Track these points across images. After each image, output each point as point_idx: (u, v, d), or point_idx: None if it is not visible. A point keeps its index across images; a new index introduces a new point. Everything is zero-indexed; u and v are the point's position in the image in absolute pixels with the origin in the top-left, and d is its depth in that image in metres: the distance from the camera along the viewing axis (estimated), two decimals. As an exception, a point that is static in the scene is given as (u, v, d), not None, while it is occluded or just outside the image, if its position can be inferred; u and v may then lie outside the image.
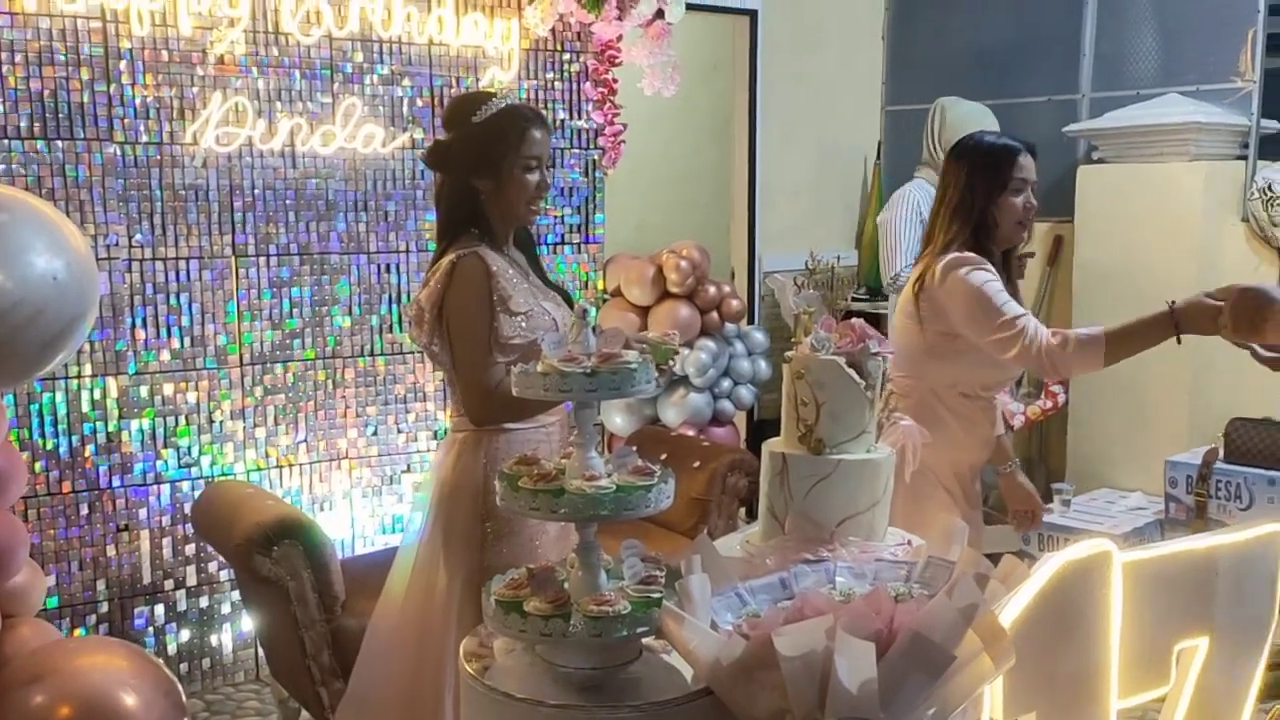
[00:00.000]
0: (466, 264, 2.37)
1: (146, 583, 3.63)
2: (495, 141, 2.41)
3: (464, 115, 2.45)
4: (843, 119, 5.71)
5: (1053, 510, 4.51)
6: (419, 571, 2.49)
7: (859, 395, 1.99)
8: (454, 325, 2.38)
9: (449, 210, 2.49)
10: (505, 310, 2.35)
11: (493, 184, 2.43)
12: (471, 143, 2.42)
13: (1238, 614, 2.11)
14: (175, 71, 3.54)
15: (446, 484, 2.44)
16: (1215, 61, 4.69)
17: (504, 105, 2.44)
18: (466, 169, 2.43)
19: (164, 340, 3.61)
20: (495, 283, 2.36)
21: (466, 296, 2.35)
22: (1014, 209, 2.69)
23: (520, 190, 2.44)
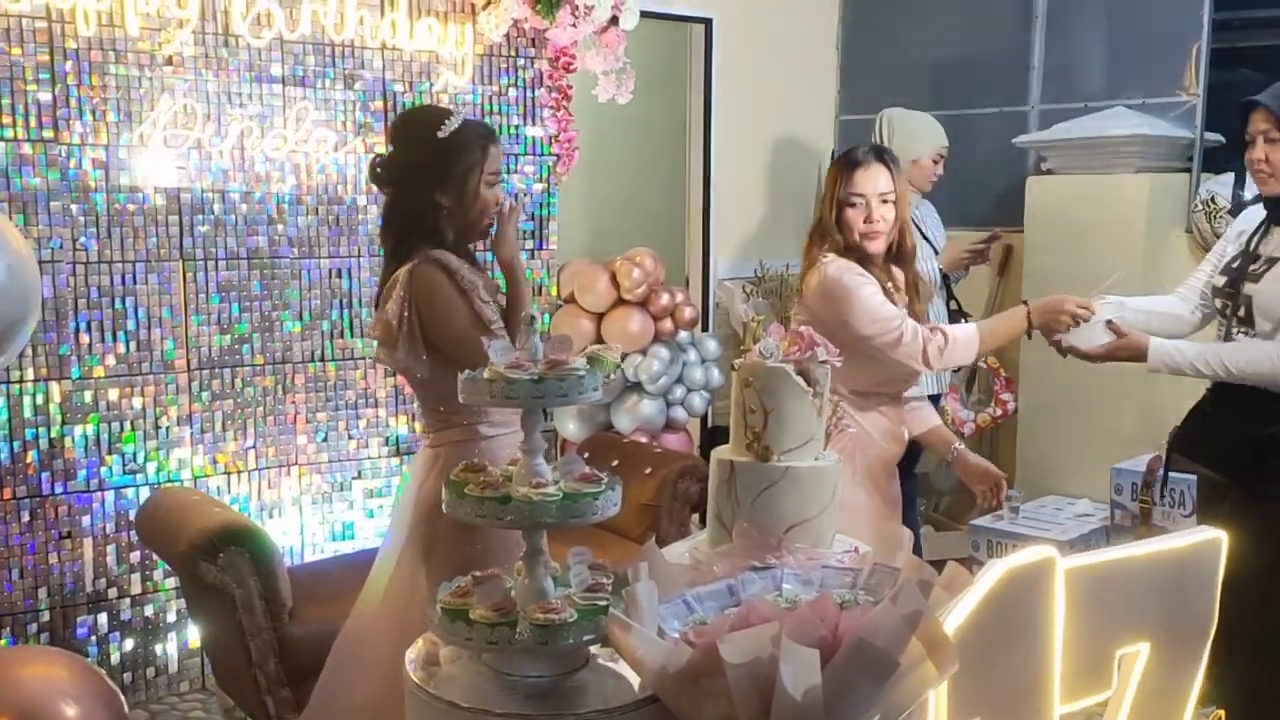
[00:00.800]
0: (424, 270, 2.38)
1: (89, 591, 3.57)
2: (460, 157, 2.42)
3: (424, 130, 2.45)
4: (797, 128, 5.74)
5: (1002, 517, 4.57)
6: (397, 587, 2.46)
7: (806, 403, 2.00)
8: (439, 329, 2.37)
9: (407, 225, 2.48)
10: (477, 298, 2.38)
11: (455, 199, 2.44)
12: (436, 158, 2.42)
13: (1178, 620, 2.14)
14: (122, 73, 3.49)
15: (431, 499, 2.40)
16: (1161, 76, 4.78)
17: (462, 119, 2.47)
18: (430, 184, 2.43)
19: (109, 345, 3.56)
20: (459, 276, 2.38)
21: (438, 298, 2.36)
22: (850, 223, 2.79)
23: (483, 205, 2.47)
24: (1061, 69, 5.11)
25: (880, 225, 2.78)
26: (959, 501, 5.34)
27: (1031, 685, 1.93)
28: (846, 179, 2.79)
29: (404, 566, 2.45)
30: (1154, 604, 2.09)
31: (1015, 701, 1.91)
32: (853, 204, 2.78)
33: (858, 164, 2.79)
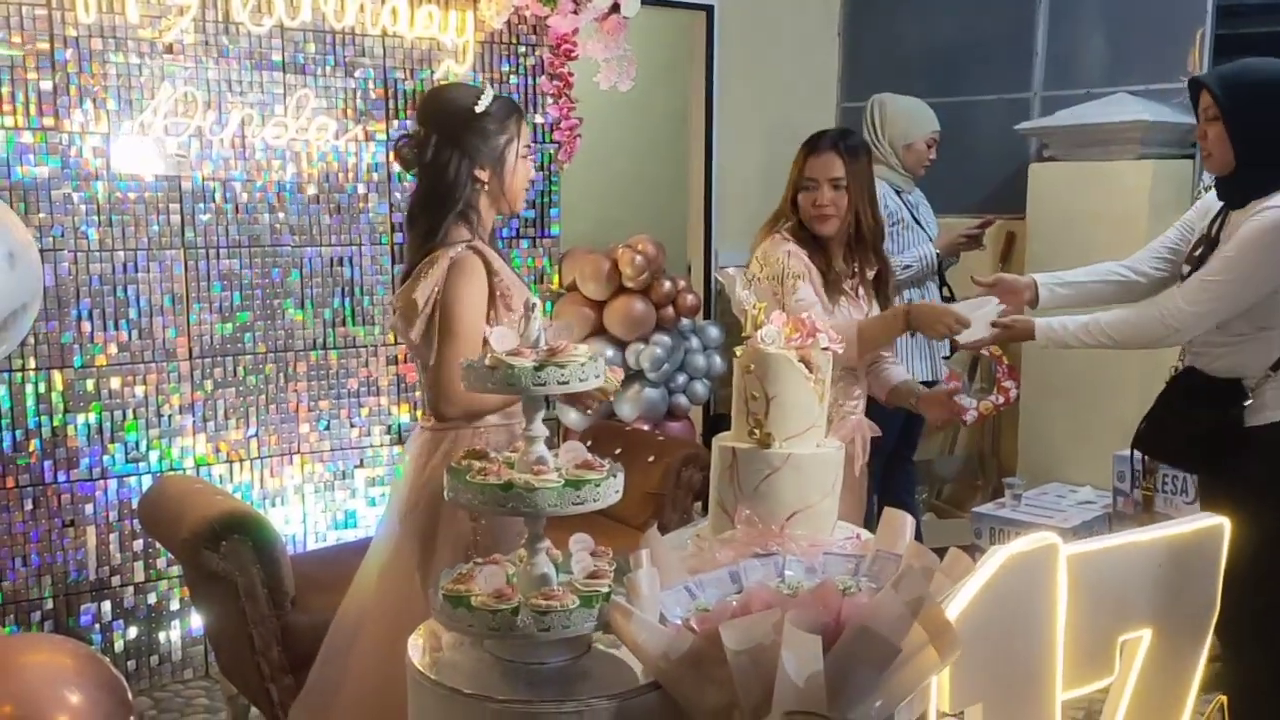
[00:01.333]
0: (468, 261, 2.33)
1: (93, 579, 3.58)
2: (499, 130, 2.42)
3: (462, 106, 2.42)
4: (798, 115, 5.71)
5: (1004, 504, 4.57)
6: (394, 571, 2.45)
7: (808, 390, 2.00)
8: (448, 320, 2.33)
9: (444, 204, 2.41)
10: (506, 307, 2.33)
11: (495, 173, 2.41)
12: (474, 132, 2.40)
13: (1180, 606, 2.14)
14: (123, 60, 3.48)
15: (432, 485, 2.39)
16: (1164, 62, 4.76)
17: (494, 94, 2.45)
18: (469, 159, 2.40)
19: (111, 333, 3.55)
20: (498, 279, 2.35)
21: (468, 293, 2.32)
22: (802, 205, 2.87)
23: (520, 178, 2.46)
24: (1064, 55, 5.09)
25: (829, 209, 2.84)
26: (961, 489, 5.34)
27: (1033, 671, 1.93)
28: (804, 163, 2.90)
29: (402, 551, 2.44)
30: (1156, 590, 2.10)
31: (1017, 687, 1.91)
32: (806, 187, 2.87)
33: (814, 149, 2.90)
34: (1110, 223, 4.52)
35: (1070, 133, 4.74)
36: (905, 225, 4.22)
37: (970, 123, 5.28)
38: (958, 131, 4.36)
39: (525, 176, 2.50)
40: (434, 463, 2.41)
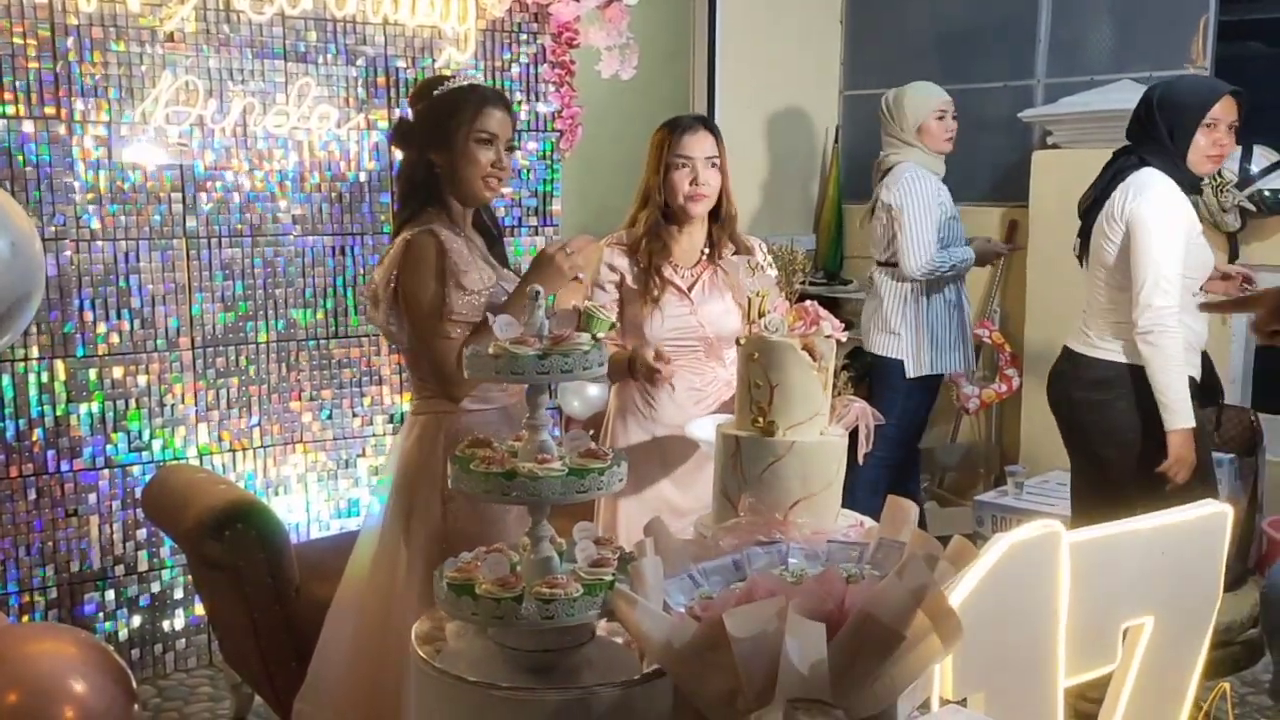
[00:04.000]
0: (419, 240, 2.39)
1: (96, 568, 3.58)
2: (450, 114, 2.43)
3: (426, 91, 2.50)
4: (801, 102, 5.71)
5: (1005, 492, 4.57)
6: (382, 554, 2.48)
7: (812, 378, 2.00)
8: (409, 302, 2.39)
9: (407, 186, 2.53)
10: (458, 286, 2.36)
11: (447, 158, 2.45)
12: (429, 115, 2.46)
13: (1182, 593, 2.15)
14: (124, 49, 3.48)
15: (410, 466, 2.44)
16: (1168, 49, 4.74)
17: (463, 82, 2.49)
18: (425, 142, 2.46)
19: (113, 323, 3.55)
20: (448, 259, 2.37)
21: (420, 272, 2.37)
22: (676, 185, 2.83)
23: (472, 164, 2.44)
24: (1067, 42, 5.08)
25: (705, 189, 2.81)
26: (963, 477, 5.34)
27: (1036, 658, 1.93)
28: (674, 143, 2.84)
29: (387, 536, 2.47)
30: (1158, 578, 2.10)
31: (1020, 675, 1.92)
32: (680, 166, 2.82)
33: (685, 129, 2.86)
34: (1113, 210, 4.51)
35: (1073, 120, 4.73)
36: (951, 217, 4.19)
37: (973, 110, 5.27)
38: (960, 119, 4.35)
39: (481, 163, 2.44)
40: (409, 446, 2.47)
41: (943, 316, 4.18)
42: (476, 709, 1.67)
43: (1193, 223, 3.15)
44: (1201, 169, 3.18)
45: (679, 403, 2.83)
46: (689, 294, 2.84)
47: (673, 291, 2.83)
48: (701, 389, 2.84)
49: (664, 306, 2.81)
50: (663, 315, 2.80)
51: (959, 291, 4.22)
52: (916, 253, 4.07)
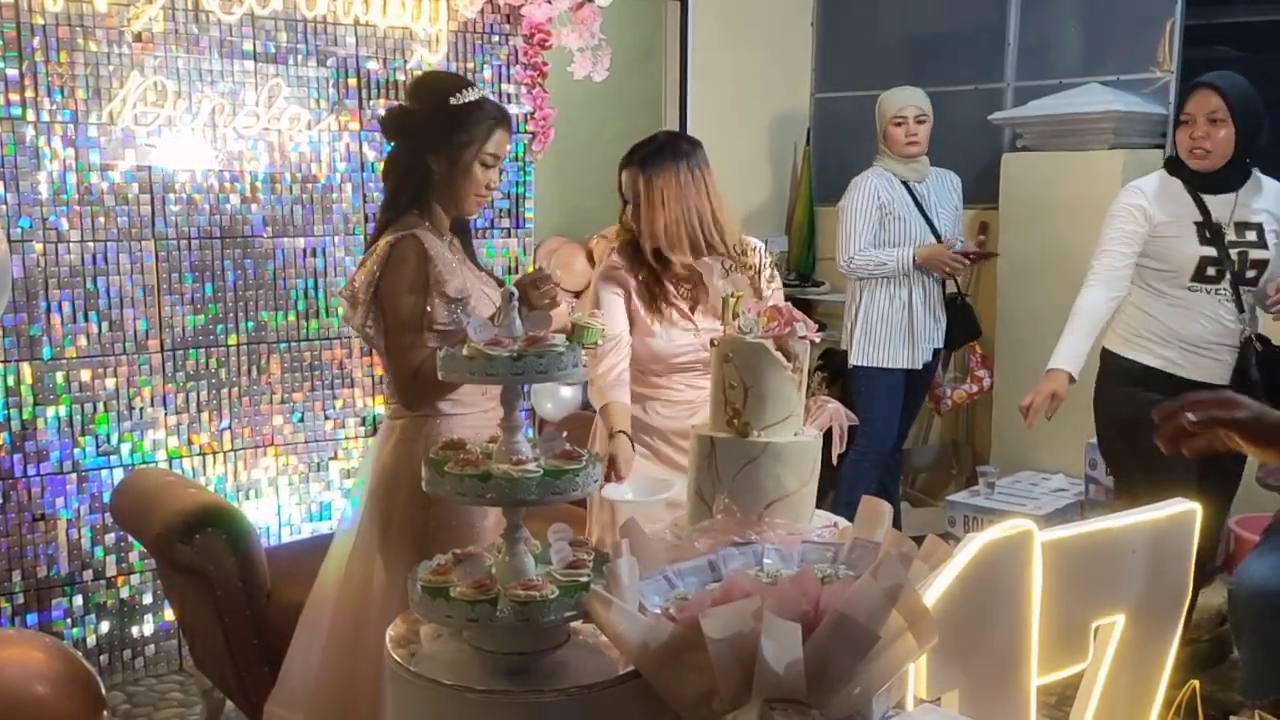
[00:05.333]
0: (403, 246, 2.36)
1: (64, 573, 3.54)
2: (464, 128, 2.41)
3: (438, 93, 2.45)
4: (773, 105, 5.73)
5: (978, 493, 4.60)
6: (356, 560, 2.46)
7: (786, 378, 2.00)
8: (388, 307, 2.37)
9: (398, 183, 2.49)
10: (441, 294, 2.35)
11: (447, 168, 2.43)
12: (440, 121, 2.41)
13: (1153, 591, 2.16)
14: (91, 49, 3.44)
15: (387, 471, 2.42)
16: (1135, 52, 4.80)
17: (480, 95, 2.46)
18: (425, 145, 2.43)
19: (80, 325, 3.52)
20: (432, 266, 2.36)
21: (402, 278, 2.35)
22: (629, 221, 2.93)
23: (472, 183, 2.45)
24: (1036, 46, 5.12)
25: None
26: (935, 477, 5.37)
27: (1009, 657, 1.94)
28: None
29: (362, 542, 2.46)
30: (1129, 576, 2.12)
31: (993, 673, 1.93)
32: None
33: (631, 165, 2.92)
34: (1082, 212, 4.54)
35: (1043, 123, 4.77)
36: (896, 218, 4.25)
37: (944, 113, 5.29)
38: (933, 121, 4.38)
39: (480, 183, 2.47)
40: (387, 452, 2.45)
41: (886, 313, 4.27)
42: (452, 712, 1.67)
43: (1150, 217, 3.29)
44: (1194, 164, 3.27)
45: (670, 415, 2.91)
46: (691, 316, 2.89)
47: (676, 314, 2.89)
48: (694, 401, 2.90)
49: (670, 329, 2.87)
50: (669, 337, 2.87)
51: (911, 291, 4.25)
52: (844, 249, 4.29)
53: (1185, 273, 3.27)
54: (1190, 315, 3.28)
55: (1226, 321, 3.28)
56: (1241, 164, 3.28)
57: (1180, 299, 3.27)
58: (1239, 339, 3.27)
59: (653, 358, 2.89)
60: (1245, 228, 3.29)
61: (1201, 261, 3.24)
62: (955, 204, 4.43)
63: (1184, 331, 3.28)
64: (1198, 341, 3.28)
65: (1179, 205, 3.28)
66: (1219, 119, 3.20)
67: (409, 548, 2.36)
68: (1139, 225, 3.29)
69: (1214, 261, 3.24)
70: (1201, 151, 3.24)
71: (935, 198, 4.35)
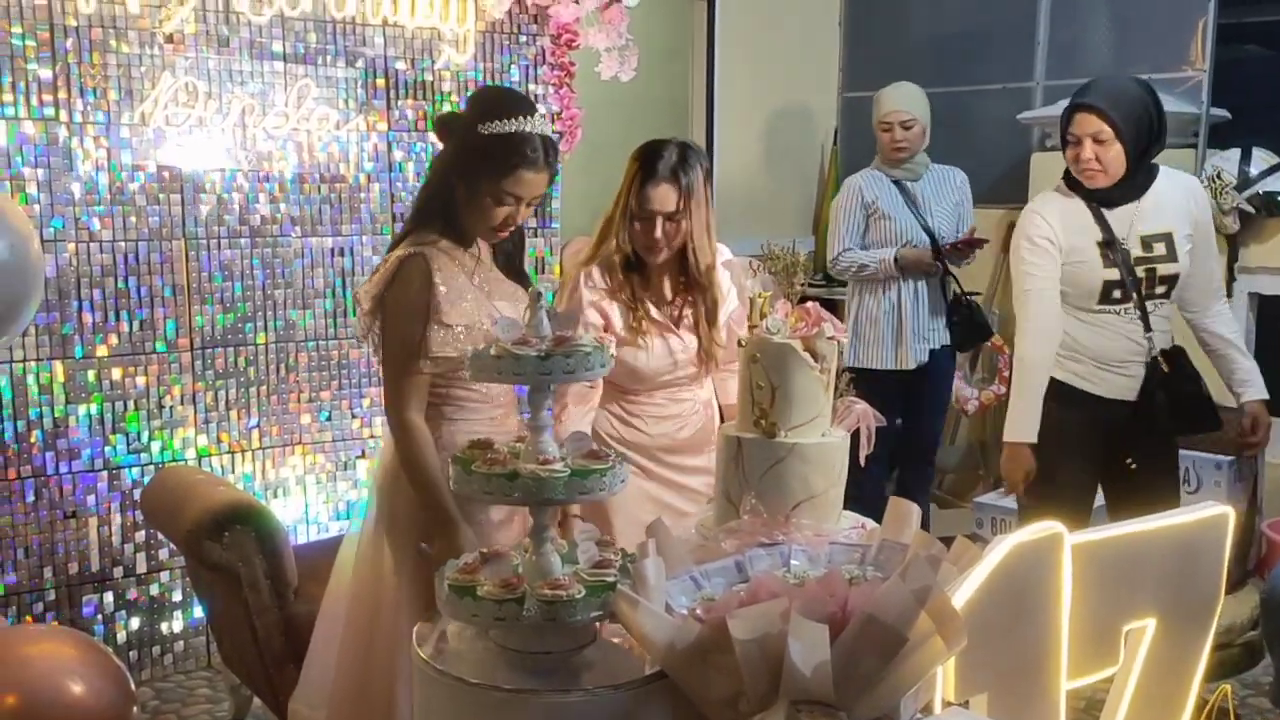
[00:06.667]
0: (410, 266, 2.31)
1: (95, 570, 3.58)
2: (483, 159, 2.30)
3: (477, 115, 2.35)
4: (800, 105, 5.72)
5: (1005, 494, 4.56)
6: (366, 558, 2.47)
7: (813, 379, 2.00)
8: (387, 325, 2.34)
9: (428, 194, 2.45)
10: (438, 322, 2.29)
11: (465, 194, 2.35)
12: (468, 142, 2.32)
13: (1185, 595, 2.14)
14: (123, 50, 3.47)
15: (390, 471, 2.41)
16: (1167, 51, 4.75)
17: (516, 129, 2.29)
18: (453, 163, 2.37)
19: (112, 324, 3.55)
20: (434, 292, 2.30)
21: (402, 300, 2.31)
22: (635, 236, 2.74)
23: (481, 215, 2.35)
24: (1066, 45, 5.08)
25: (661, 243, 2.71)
26: (962, 479, 5.34)
27: (1039, 660, 1.93)
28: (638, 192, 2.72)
29: (369, 542, 2.46)
30: (1161, 579, 2.10)
31: (1022, 677, 1.91)
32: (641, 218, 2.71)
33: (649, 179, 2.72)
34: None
35: (1073, 122, 4.72)
36: (883, 217, 4.22)
37: (973, 112, 5.28)
38: (960, 121, 4.35)
39: (491, 218, 2.35)
40: (389, 454, 2.43)
41: (874, 314, 4.26)
42: (478, 711, 1.67)
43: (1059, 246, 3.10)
44: (1089, 185, 3.08)
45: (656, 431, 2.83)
46: (676, 329, 2.79)
47: (657, 332, 2.78)
48: (680, 415, 2.84)
49: (652, 345, 2.76)
50: (650, 354, 2.76)
51: (900, 292, 4.22)
52: (830, 250, 4.34)
53: (1093, 297, 3.12)
54: (1099, 333, 3.14)
55: (1136, 339, 3.14)
56: (1138, 175, 3.07)
57: (1088, 319, 3.14)
58: (1148, 354, 3.15)
59: (632, 376, 2.77)
60: (1152, 241, 3.10)
61: (1106, 285, 3.09)
62: (955, 200, 4.31)
63: (1097, 349, 3.14)
64: (1108, 358, 3.15)
65: (1082, 227, 3.10)
66: (1104, 139, 3.00)
67: (412, 545, 2.36)
68: (1051, 256, 3.10)
69: (1118, 285, 3.09)
70: (1091, 173, 3.05)
71: (931, 196, 4.26)
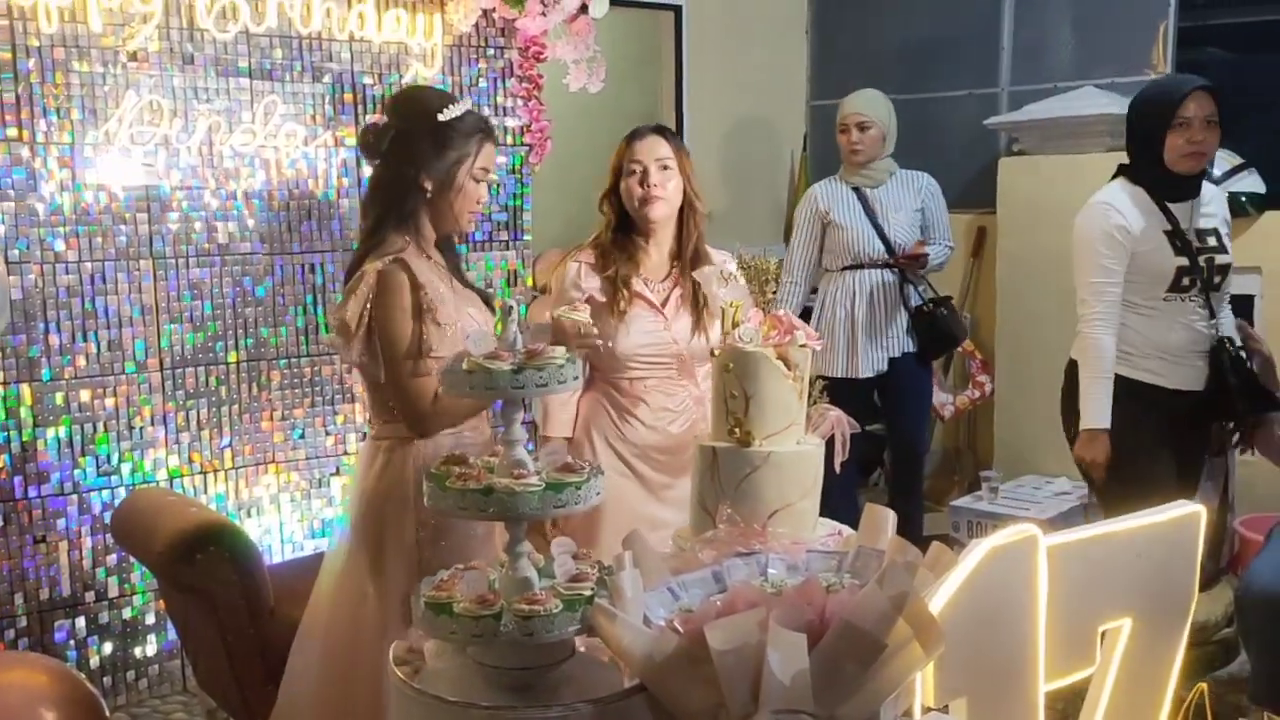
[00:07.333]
0: (391, 276, 2.31)
1: (66, 595, 3.53)
2: (454, 144, 2.37)
3: (425, 109, 2.39)
4: (768, 113, 5.74)
5: (981, 498, 4.59)
6: (349, 582, 2.44)
7: (787, 387, 2.00)
8: (385, 339, 2.32)
9: (387, 204, 2.41)
10: (433, 321, 2.31)
11: (439, 186, 2.37)
12: (430, 139, 2.36)
13: (1159, 594, 2.16)
14: (86, 70, 3.44)
15: (376, 494, 2.38)
16: (1129, 55, 4.81)
17: (467, 109, 2.41)
18: (418, 164, 2.37)
19: (79, 345, 3.51)
20: (422, 293, 2.31)
21: (397, 307, 2.30)
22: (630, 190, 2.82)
23: (466, 200, 2.41)
24: (1030, 50, 5.13)
25: (657, 190, 2.77)
26: (938, 483, 5.36)
27: (1016, 663, 1.94)
28: (626, 151, 2.84)
29: (353, 563, 2.43)
30: (1135, 579, 2.11)
31: (1001, 680, 1.92)
32: (631, 172, 2.80)
33: (636, 135, 2.86)
34: (1080, 215, 4.56)
35: (1038, 127, 4.78)
36: (837, 226, 4.24)
37: (940, 118, 5.31)
38: (927, 127, 4.38)
39: (473, 198, 2.43)
40: (374, 473, 2.41)
41: (831, 324, 4.27)
42: (457, 729, 1.66)
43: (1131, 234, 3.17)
44: (1181, 167, 3.18)
45: (651, 424, 2.80)
46: (662, 309, 2.79)
47: (644, 305, 2.78)
48: (673, 409, 2.81)
49: (634, 320, 2.75)
50: (630, 329, 2.74)
51: (854, 301, 4.24)
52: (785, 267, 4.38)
53: (1163, 284, 3.20)
54: (1167, 325, 3.22)
55: (1200, 328, 3.23)
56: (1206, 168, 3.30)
57: (1155, 309, 3.21)
58: (1209, 344, 3.24)
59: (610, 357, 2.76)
60: (1204, 234, 3.25)
61: (1178, 272, 3.18)
62: (917, 208, 4.29)
63: (1162, 341, 3.22)
64: (1176, 350, 3.23)
65: (1151, 216, 3.20)
66: (1214, 121, 3.16)
67: (402, 571, 2.33)
68: (1124, 248, 3.18)
69: (1188, 271, 3.19)
70: (1199, 156, 3.17)
71: (891, 204, 4.25)
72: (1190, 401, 3.25)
